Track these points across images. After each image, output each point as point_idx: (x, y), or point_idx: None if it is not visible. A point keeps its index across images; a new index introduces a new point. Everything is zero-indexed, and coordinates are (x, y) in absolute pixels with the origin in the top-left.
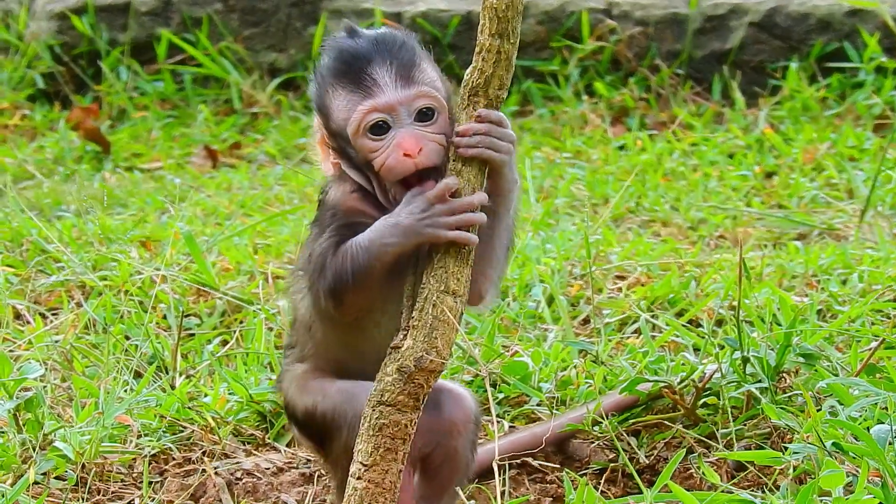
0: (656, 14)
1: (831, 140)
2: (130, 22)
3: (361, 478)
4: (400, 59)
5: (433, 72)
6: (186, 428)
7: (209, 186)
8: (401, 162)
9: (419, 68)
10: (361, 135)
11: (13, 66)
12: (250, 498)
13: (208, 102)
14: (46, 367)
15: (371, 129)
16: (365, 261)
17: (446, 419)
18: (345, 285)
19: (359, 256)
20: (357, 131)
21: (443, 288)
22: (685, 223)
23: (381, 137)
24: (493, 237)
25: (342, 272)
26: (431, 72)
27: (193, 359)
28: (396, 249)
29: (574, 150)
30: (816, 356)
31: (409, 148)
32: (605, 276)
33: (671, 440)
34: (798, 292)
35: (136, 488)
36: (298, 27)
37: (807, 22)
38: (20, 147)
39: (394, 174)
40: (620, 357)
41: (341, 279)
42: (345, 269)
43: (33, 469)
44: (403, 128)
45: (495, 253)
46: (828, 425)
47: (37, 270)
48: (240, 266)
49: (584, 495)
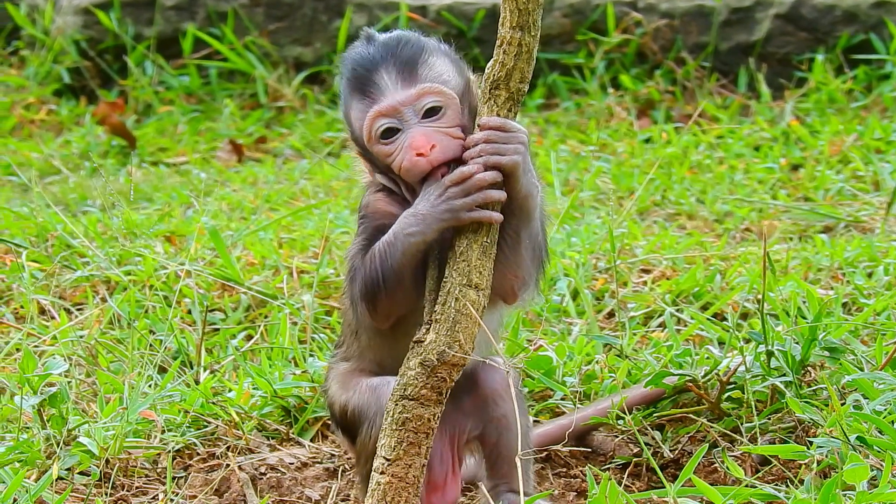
0: (682, 6)
1: (857, 132)
2: (156, 17)
3: (385, 472)
4: (401, 60)
5: (442, 66)
6: (211, 423)
7: (235, 181)
8: (415, 163)
9: (424, 65)
10: (375, 142)
11: (39, 61)
12: (274, 493)
13: (234, 97)
14: (71, 363)
15: (382, 135)
16: (392, 257)
17: (486, 390)
18: (377, 288)
19: (385, 254)
20: (370, 139)
21: (465, 281)
22: (711, 216)
23: (393, 140)
24: (517, 238)
25: (373, 274)
26: (440, 66)
27: (218, 353)
28: (419, 239)
29: (600, 143)
30: (841, 350)
31: (419, 147)
32: (630, 270)
33: (696, 434)
34: (823, 285)
35: (160, 483)
36: (324, 21)
37: (833, 14)
38: (46, 142)
39: (412, 175)
40: (645, 351)
41: (373, 282)
42: (374, 271)
43: (57, 465)
44: (412, 128)
45: (520, 253)
46: (852, 419)
47: (62, 265)
48: (265, 261)
49: (606, 490)
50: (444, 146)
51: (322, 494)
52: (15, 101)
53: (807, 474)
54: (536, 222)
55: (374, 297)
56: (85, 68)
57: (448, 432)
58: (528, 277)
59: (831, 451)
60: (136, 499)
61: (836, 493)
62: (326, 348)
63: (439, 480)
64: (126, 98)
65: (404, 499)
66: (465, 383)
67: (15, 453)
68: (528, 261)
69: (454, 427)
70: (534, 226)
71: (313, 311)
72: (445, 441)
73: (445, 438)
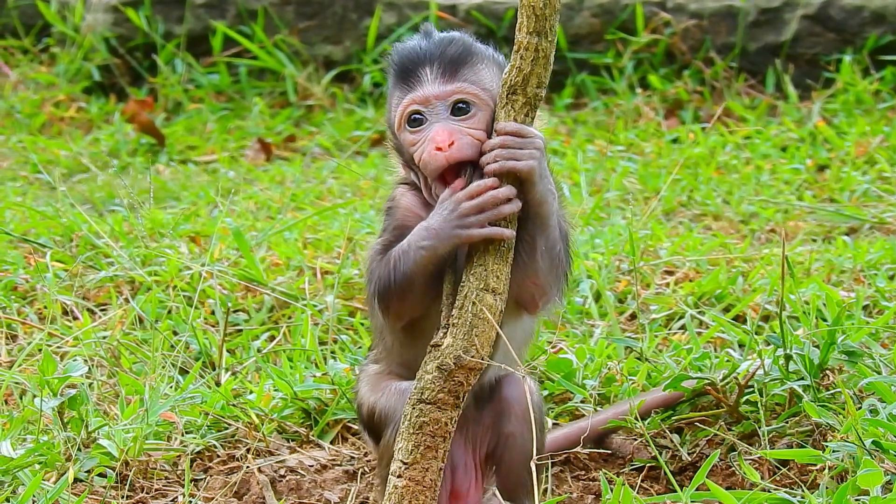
0: (711, 7)
1: (884, 133)
2: (186, 14)
3: (402, 476)
4: (447, 57)
5: (486, 72)
6: (231, 425)
7: (263, 179)
8: (433, 156)
9: (468, 66)
10: (402, 128)
11: (69, 58)
12: (293, 495)
13: (263, 95)
14: (93, 364)
15: (409, 122)
16: (404, 266)
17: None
18: (389, 291)
19: (399, 262)
20: (399, 125)
21: (482, 286)
22: (736, 217)
23: (419, 130)
24: (534, 245)
25: (386, 278)
26: (484, 72)
27: (241, 355)
28: (430, 253)
29: (627, 143)
30: (859, 353)
31: (440, 141)
32: (653, 272)
33: (714, 438)
34: (846, 287)
35: (179, 486)
36: (354, 19)
37: (861, 15)
38: (75, 140)
39: (429, 169)
40: (665, 354)
41: (386, 285)
42: (388, 274)
43: (76, 467)
44: (438, 122)
45: (536, 260)
46: (868, 424)
47: (86, 266)
48: (289, 261)
49: (620, 495)
50: (462, 145)
51: (341, 497)
52: (45, 98)
53: (822, 479)
54: (553, 230)
55: (386, 298)
56: (115, 66)
57: (471, 442)
58: (547, 286)
59: (846, 455)
60: (154, 501)
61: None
62: (348, 350)
63: (462, 489)
64: (155, 96)
65: (421, 502)
66: (489, 395)
67: (35, 455)
68: (545, 268)
69: (476, 438)
70: (551, 233)
71: (335, 313)
72: (469, 451)
73: (469, 448)
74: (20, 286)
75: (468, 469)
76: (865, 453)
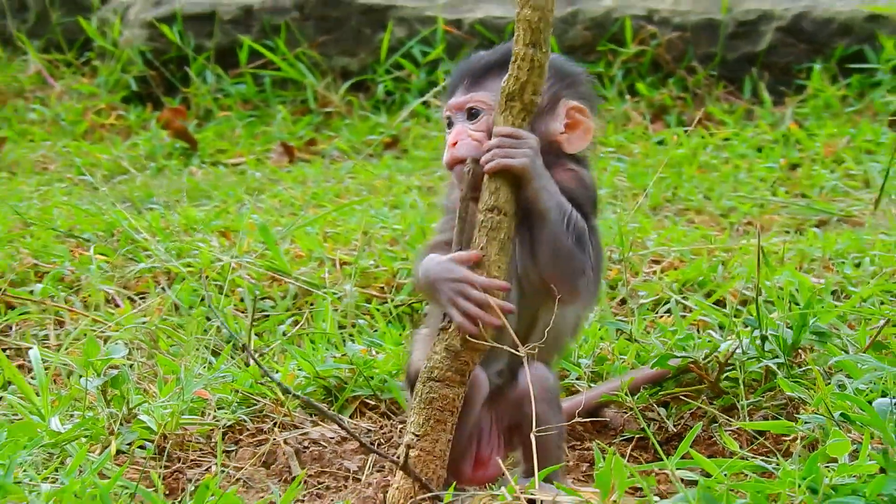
0: (693, 20)
1: (850, 135)
2: (215, 30)
3: (413, 447)
4: (475, 69)
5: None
6: (259, 401)
7: (286, 179)
8: (447, 153)
9: (492, 77)
10: (444, 130)
11: (109, 70)
12: (316, 465)
13: (286, 103)
14: (133, 347)
15: (446, 125)
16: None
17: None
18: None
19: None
20: (443, 127)
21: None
22: (717, 211)
23: (449, 131)
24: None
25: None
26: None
27: (268, 338)
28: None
29: (617, 145)
30: (829, 334)
31: (450, 140)
32: (641, 261)
33: (697, 410)
34: (816, 274)
35: (212, 456)
36: (368, 33)
37: (830, 27)
38: (115, 144)
39: (445, 165)
40: (652, 335)
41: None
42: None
43: (118, 440)
44: (456, 125)
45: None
46: (836, 398)
47: (126, 258)
48: (311, 253)
49: (612, 463)
50: (463, 145)
51: (360, 466)
52: (87, 107)
53: (794, 448)
54: (554, 224)
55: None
56: (150, 77)
57: (495, 416)
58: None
59: (817, 426)
60: (190, 470)
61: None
62: (365, 333)
63: (485, 456)
64: (188, 104)
65: (432, 470)
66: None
67: (80, 430)
68: (549, 261)
69: (500, 413)
70: (550, 227)
71: (353, 300)
72: (493, 423)
73: (494, 421)
74: (67, 277)
75: (491, 440)
76: (834, 424)
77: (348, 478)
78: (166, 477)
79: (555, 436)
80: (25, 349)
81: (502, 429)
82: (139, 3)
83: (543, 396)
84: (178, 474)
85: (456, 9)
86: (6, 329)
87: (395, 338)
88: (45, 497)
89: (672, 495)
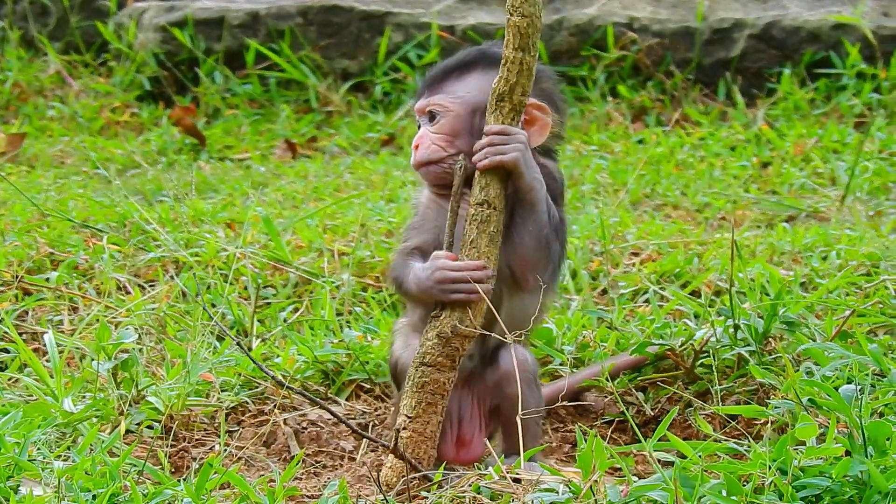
0: (671, 27)
1: (818, 135)
2: (224, 34)
3: (406, 428)
4: (435, 75)
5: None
6: (260, 384)
7: (289, 174)
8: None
9: (456, 80)
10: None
11: (124, 70)
12: (314, 445)
13: (290, 102)
14: (143, 332)
15: (418, 127)
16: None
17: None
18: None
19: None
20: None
21: None
22: (692, 206)
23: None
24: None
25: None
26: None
27: (269, 324)
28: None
29: (599, 144)
30: (798, 324)
31: (413, 143)
32: (621, 253)
33: (673, 395)
34: (786, 267)
35: (216, 436)
36: (367, 38)
37: (798, 34)
38: (129, 140)
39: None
40: (632, 323)
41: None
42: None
43: (127, 420)
44: (420, 129)
45: (525, 239)
46: (804, 384)
47: (137, 248)
48: (311, 244)
49: (592, 445)
50: (423, 149)
51: (355, 446)
52: (103, 105)
53: (765, 431)
54: (541, 214)
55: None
56: (163, 77)
57: (477, 398)
58: (533, 263)
59: (786, 411)
60: (195, 449)
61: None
62: (361, 320)
63: (467, 437)
64: (198, 103)
65: (423, 450)
66: (490, 361)
67: (92, 410)
68: (532, 246)
69: (481, 395)
70: (538, 217)
71: (350, 288)
72: (475, 405)
73: (475, 403)
74: (80, 265)
75: (472, 421)
76: (802, 409)
77: (344, 457)
78: (172, 455)
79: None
80: (41, 333)
81: (484, 411)
82: (153, 9)
83: (523, 377)
84: (183, 453)
85: (449, 16)
86: (23, 314)
87: (389, 325)
88: (58, 474)
89: (650, 475)
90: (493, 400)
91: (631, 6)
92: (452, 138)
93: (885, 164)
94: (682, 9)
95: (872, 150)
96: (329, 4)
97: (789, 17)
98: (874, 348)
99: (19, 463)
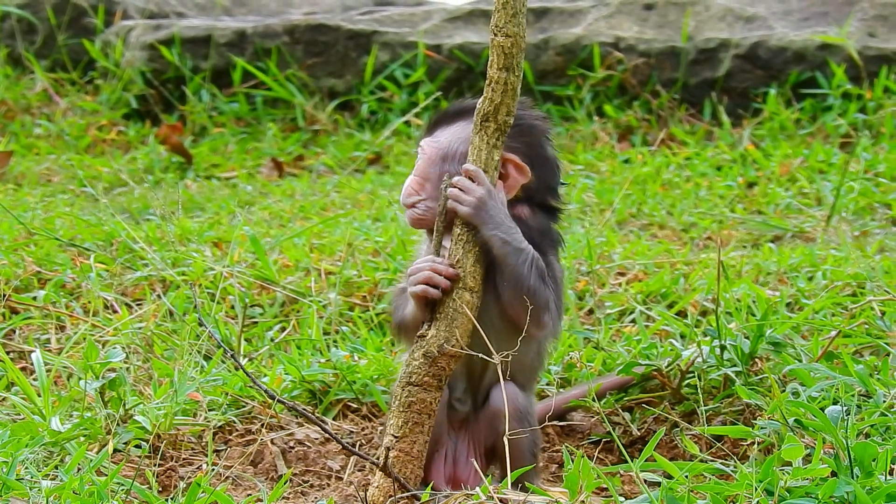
0: (657, 47)
1: (804, 155)
2: (211, 52)
3: (393, 448)
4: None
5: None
6: (248, 403)
7: (276, 193)
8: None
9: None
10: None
11: (111, 89)
12: (301, 464)
13: (276, 121)
14: (130, 351)
15: None
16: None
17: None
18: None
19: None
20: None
21: (461, 285)
22: (678, 226)
23: None
24: (500, 279)
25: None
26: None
27: (256, 343)
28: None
29: (585, 163)
30: (784, 344)
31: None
32: (608, 273)
33: (659, 416)
34: (772, 287)
35: (203, 455)
36: (354, 57)
37: (784, 54)
38: (116, 158)
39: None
40: (618, 344)
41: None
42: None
43: (115, 439)
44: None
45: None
46: (790, 405)
47: (124, 266)
48: (298, 263)
49: (580, 465)
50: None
51: (342, 465)
52: (90, 123)
53: (751, 452)
54: (513, 268)
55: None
56: (150, 95)
57: (471, 439)
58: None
59: (773, 432)
60: (182, 468)
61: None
62: (348, 339)
63: (463, 478)
64: (184, 121)
65: (410, 470)
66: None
67: (79, 429)
68: (510, 298)
69: (476, 436)
70: (508, 269)
71: (337, 308)
72: (470, 446)
73: (470, 444)
74: (68, 284)
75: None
76: (788, 430)
77: (331, 476)
78: (160, 475)
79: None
80: (28, 352)
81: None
82: (140, 27)
83: (515, 414)
84: (171, 472)
85: (435, 35)
86: (10, 333)
87: (376, 344)
88: (46, 493)
89: (636, 496)
90: (488, 440)
91: (617, 26)
92: (424, 182)
93: (870, 185)
94: (668, 29)
95: (858, 170)
96: (316, 23)
97: (775, 37)
98: (860, 369)
99: (7, 482)
